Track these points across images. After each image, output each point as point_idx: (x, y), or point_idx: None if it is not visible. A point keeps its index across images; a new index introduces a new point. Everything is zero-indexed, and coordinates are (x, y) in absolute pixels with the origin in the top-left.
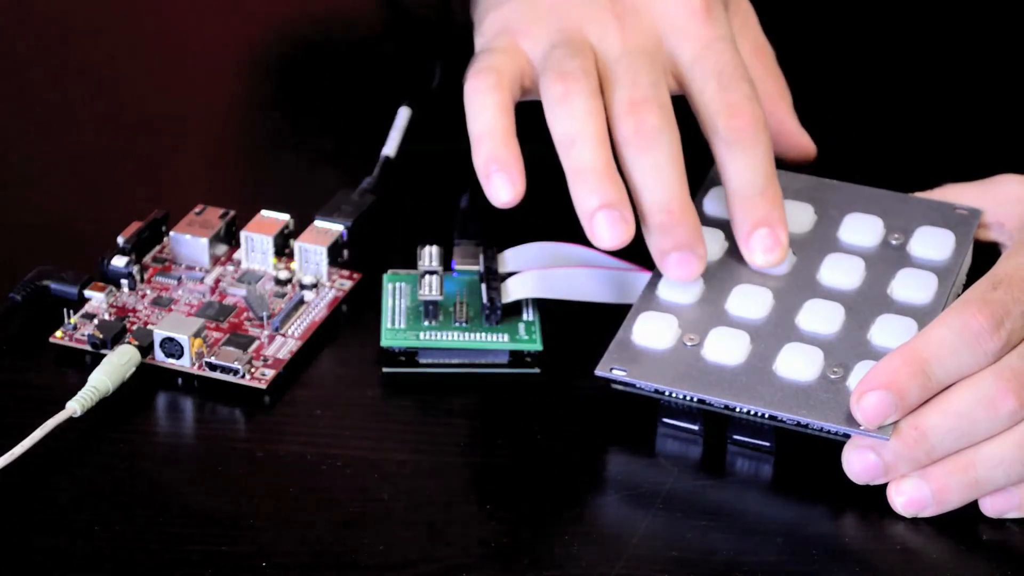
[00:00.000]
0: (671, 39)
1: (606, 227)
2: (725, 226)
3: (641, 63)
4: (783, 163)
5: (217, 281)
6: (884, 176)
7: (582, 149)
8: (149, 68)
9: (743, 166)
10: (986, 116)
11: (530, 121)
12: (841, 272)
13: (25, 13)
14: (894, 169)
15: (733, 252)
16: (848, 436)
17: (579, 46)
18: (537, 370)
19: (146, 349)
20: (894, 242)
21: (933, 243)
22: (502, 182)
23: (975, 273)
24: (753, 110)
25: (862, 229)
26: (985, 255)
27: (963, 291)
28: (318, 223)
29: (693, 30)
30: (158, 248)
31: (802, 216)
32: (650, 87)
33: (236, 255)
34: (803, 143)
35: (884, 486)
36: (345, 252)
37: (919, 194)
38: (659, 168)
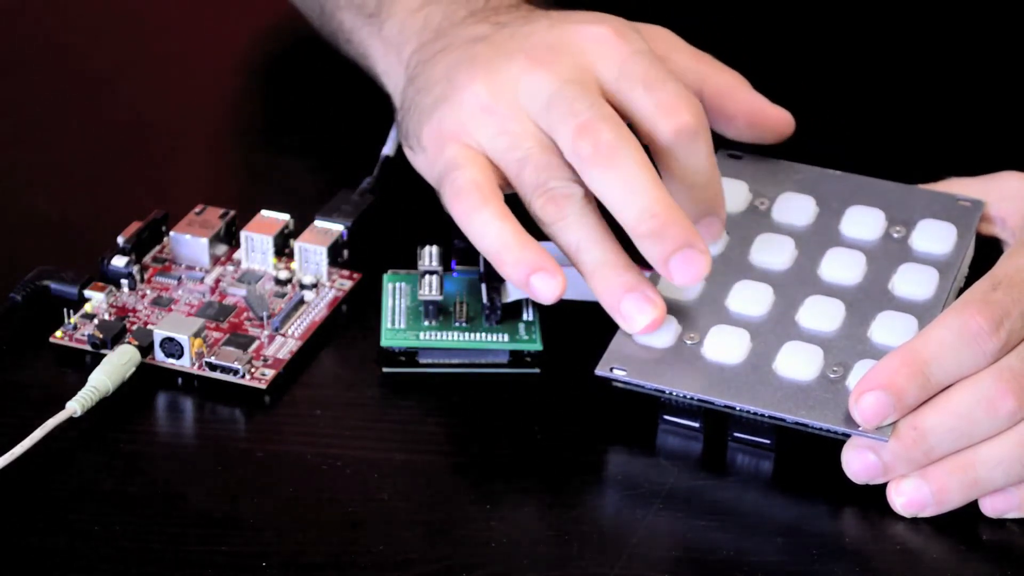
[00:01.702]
0: (594, 67)
1: (636, 311)
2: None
3: (573, 92)
4: (767, 146)
5: (217, 281)
6: (887, 170)
7: (590, 252)
8: (149, 68)
9: (687, 162)
10: (990, 112)
11: None
12: (842, 267)
13: (25, 13)
14: (897, 163)
15: (732, 249)
16: (848, 435)
17: (517, 130)
18: (537, 370)
19: (146, 349)
20: (896, 235)
21: (935, 236)
22: (543, 282)
23: (977, 265)
24: (687, 105)
25: (864, 222)
26: (987, 248)
27: (964, 285)
28: (318, 223)
29: (609, 52)
30: (158, 248)
31: (804, 208)
32: (589, 108)
33: (236, 255)
34: (777, 117)
35: (884, 485)
36: (345, 252)
37: (922, 186)
38: (631, 178)
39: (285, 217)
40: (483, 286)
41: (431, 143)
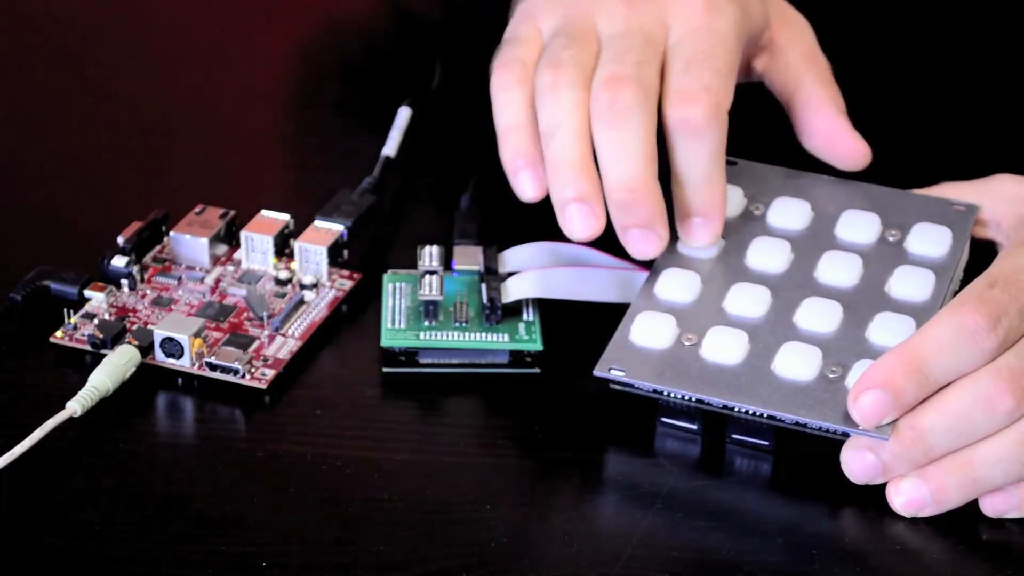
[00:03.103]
0: (667, 25)
1: (578, 220)
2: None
3: (633, 43)
4: (836, 170)
5: (217, 281)
6: (881, 175)
7: (562, 141)
8: (149, 68)
9: (685, 158)
10: (983, 116)
11: None
12: (839, 270)
13: (25, 13)
14: (891, 168)
15: (730, 251)
16: (847, 435)
17: (579, 34)
18: (537, 370)
19: (146, 349)
20: (891, 239)
21: (930, 239)
22: (528, 178)
23: (971, 269)
24: (704, 102)
25: (859, 226)
26: (982, 252)
27: (960, 288)
28: (318, 223)
29: (690, 17)
30: (158, 248)
31: (799, 212)
32: (634, 65)
33: (236, 255)
34: (853, 146)
35: (884, 485)
36: (345, 252)
37: (915, 191)
38: (626, 145)
39: (285, 217)
40: (483, 286)
41: (517, 17)
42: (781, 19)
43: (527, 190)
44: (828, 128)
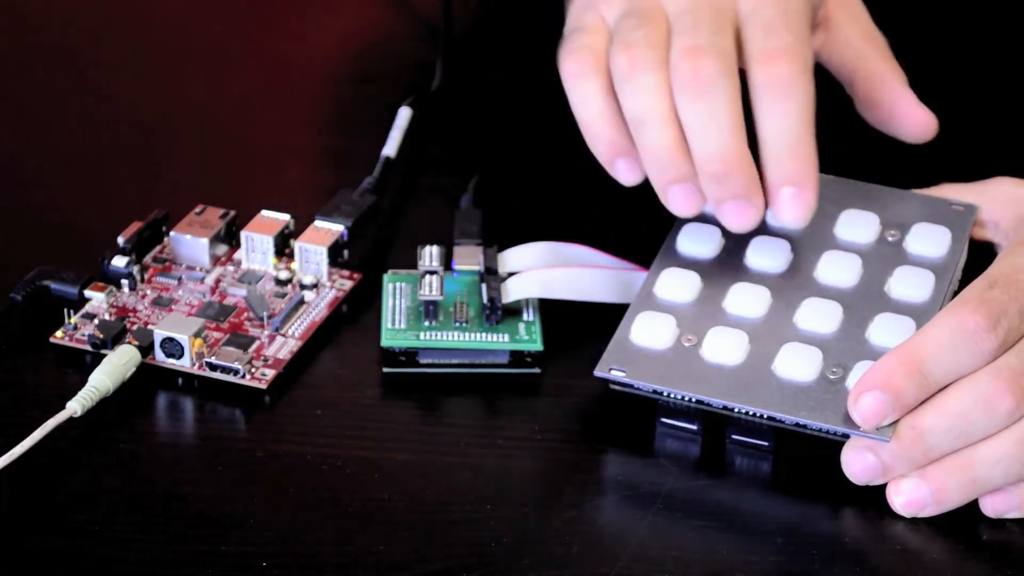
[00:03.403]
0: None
1: (681, 199)
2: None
3: (705, 15)
4: (904, 144)
5: (217, 281)
6: (880, 177)
7: (651, 129)
8: (149, 68)
9: (774, 117)
10: (983, 119)
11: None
12: (838, 270)
13: (25, 13)
14: (890, 169)
15: (730, 251)
16: (848, 436)
17: (648, 14)
18: (537, 370)
19: (146, 349)
20: (890, 239)
21: (929, 240)
22: (625, 167)
23: (970, 270)
24: (791, 59)
25: (858, 226)
26: (980, 253)
27: (959, 289)
28: (318, 223)
29: None
30: (158, 248)
31: None
32: (710, 35)
33: (236, 255)
34: (920, 116)
35: (884, 486)
36: (345, 252)
37: (915, 191)
38: (714, 115)
39: (285, 217)
40: (483, 286)
41: (577, 7)
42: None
43: (627, 178)
44: (894, 100)
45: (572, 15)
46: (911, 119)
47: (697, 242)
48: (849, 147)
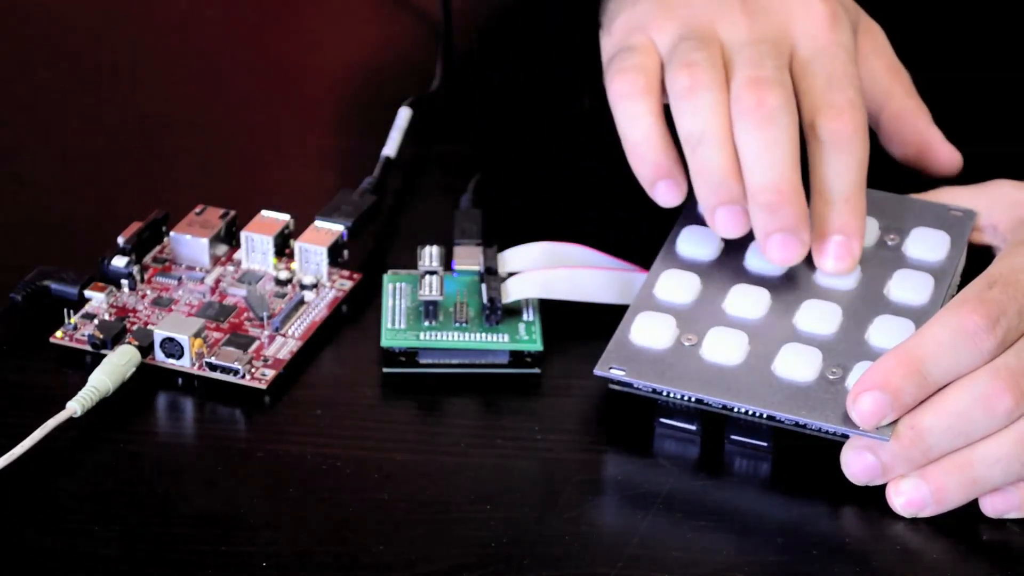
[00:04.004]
0: (795, 37)
1: (728, 221)
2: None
3: (766, 49)
4: (930, 178)
5: (217, 281)
6: (879, 179)
7: (707, 149)
8: (150, 68)
9: (834, 170)
10: (982, 121)
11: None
12: None
13: (26, 13)
14: (889, 172)
15: (729, 254)
16: (848, 436)
17: (707, 38)
18: (537, 370)
19: (146, 349)
20: (890, 243)
21: (928, 244)
22: (667, 189)
23: (969, 276)
24: (854, 115)
25: None
26: (979, 258)
27: (958, 292)
28: (318, 223)
29: (816, 32)
30: (158, 248)
31: None
32: (774, 70)
33: (236, 255)
34: (947, 155)
35: (884, 486)
36: (345, 252)
37: (914, 196)
38: (773, 146)
39: (285, 217)
40: (483, 286)
41: (621, 28)
42: (863, 27)
43: (668, 200)
44: (922, 139)
45: (614, 35)
46: (941, 157)
47: (697, 244)
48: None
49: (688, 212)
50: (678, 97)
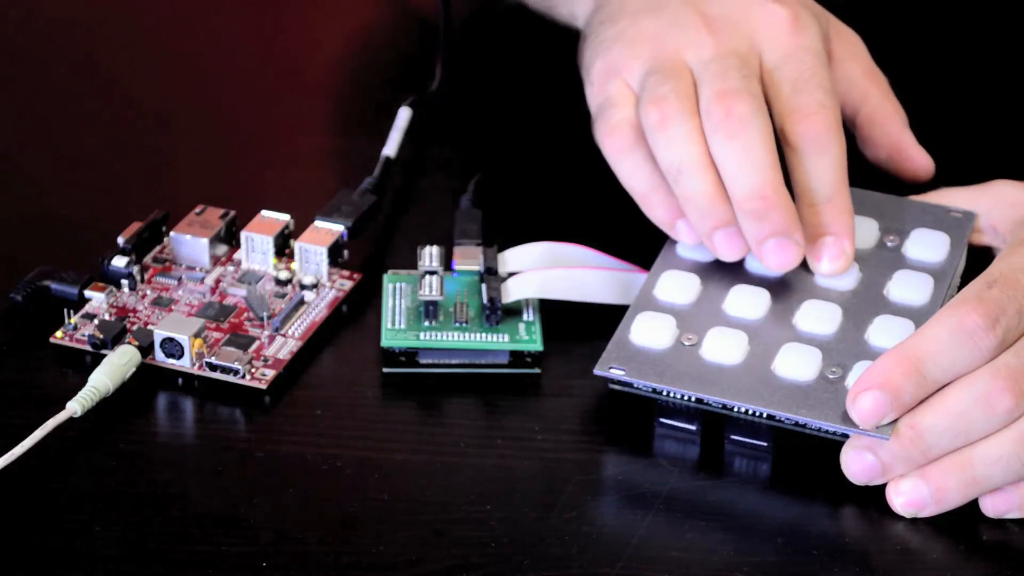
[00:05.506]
0: (760, 46)
1: (725, 244)
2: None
3: (732, 63)
4: (902, 183)
5: (217, 281)
6: (879, 181)
7: (688, 177)
8: (150, 68)
9: (811, 172)
10: (982, 122)
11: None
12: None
13: (26, 13)
14: (889, 177)
15: None
16: (847, 436)
17: (672, 69)
18: (537, 370)
19: (146, 349)
20: (890, 244)
21: (928, 245)
22: (687, 229)
23: (969, 277)
24: (824, 116)
25: (857, 231)
26: (978, 259)
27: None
28: (318, 223)
29: (780, 38)
30: (158, 248)
31: None
32: (740, 79)
33: (236, 255)
34: (919, 160)
35: (884, 486)
36: (345, 252)
37: (914, 197)
38: (749, 152)
39: (285, 217)
40: (483, 286)
41: (598, 77)
42: (835, 33)
43: (689, 239)
44: (895, 142)
45: (594, 86)
46: (910, 162)
47: (697, 246)
48: (848, 154)
49: None
50: (651, 133)
